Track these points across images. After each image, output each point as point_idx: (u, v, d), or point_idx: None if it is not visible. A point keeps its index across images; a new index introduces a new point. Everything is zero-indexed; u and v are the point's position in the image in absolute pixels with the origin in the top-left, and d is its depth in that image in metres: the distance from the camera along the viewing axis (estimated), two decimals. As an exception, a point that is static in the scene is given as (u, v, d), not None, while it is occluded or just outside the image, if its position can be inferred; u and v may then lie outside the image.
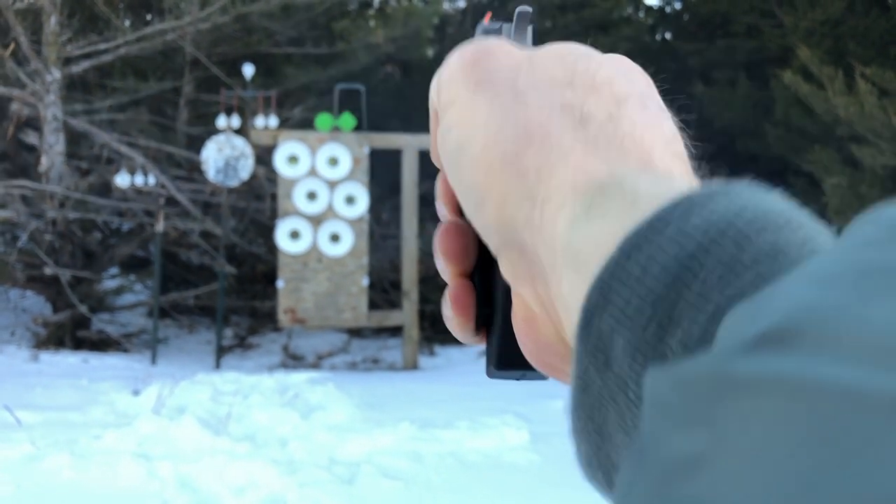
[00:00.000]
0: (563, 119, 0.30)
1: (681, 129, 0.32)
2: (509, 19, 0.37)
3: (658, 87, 0.33)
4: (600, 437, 0.25)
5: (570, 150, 0.29)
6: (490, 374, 0.35)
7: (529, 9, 0.37)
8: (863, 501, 0.14)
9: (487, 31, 0.36)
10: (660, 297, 0.23)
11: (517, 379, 0.34)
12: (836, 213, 6.43)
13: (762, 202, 0.24)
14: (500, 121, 0.30)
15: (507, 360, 0.33)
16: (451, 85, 0.32)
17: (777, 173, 10.12)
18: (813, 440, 0.15)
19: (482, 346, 0.36)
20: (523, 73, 0.31)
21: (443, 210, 0.35)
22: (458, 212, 0.34)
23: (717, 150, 11.57)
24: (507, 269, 0.31)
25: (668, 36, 11.82)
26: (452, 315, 0.34)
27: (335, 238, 5.80)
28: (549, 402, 4.55)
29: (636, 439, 0.20)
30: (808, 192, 7.93)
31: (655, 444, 0.18)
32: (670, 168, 0.29)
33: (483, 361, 0.36)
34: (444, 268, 0.34)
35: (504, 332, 0.33)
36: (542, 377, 0.33)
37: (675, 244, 0.23)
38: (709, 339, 0.22)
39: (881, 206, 0.21)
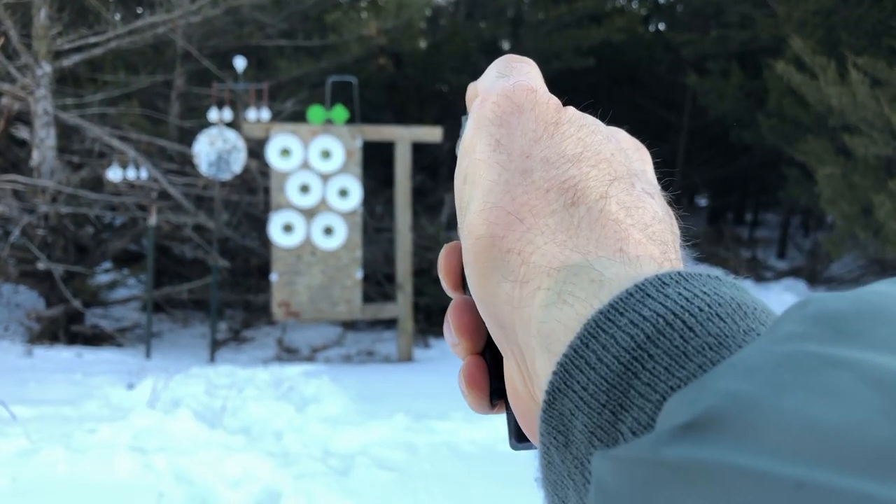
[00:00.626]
0: (556, 203, 0.32)
1: (670, 203, 0.35)
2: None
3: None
4: None
5: (552, 237, 0.31)
6: (513, 447, 0.36)
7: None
8: None
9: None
10: (613, 385, 0.25)
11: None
12: (828, 203, 6.45)
13: (712, 290, 0.26)
14: (500, 195, 0.32)
15: (525, 435, 0.34)
16: (477, 132, 0.35)
17: (770, 163, 10.15)
18: None
19: (489, 414, 0.37)
20: (542, 145, 0.33)
21: (445, 285, 0.37)
22: (459, 286, 0.37)
23: (710, 141, 11.58)
24: (495, 339, 0.33)
25: (661, 27, 11.81)
26: (467, 391, 0.36)
27: (329, 231, 5.79)
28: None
29: None
30: (802, 181, 7.94)
31: None
32: (643, 251, 0.31)
33: None
34: (458, 344, 0.36)
35: None
36: None
37: (627, 334, 0.25)
38: (654, 425, 0.23)
39: (803, 300, 0.23)
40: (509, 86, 0.35)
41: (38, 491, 3.14)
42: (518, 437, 0.35)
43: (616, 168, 0.33)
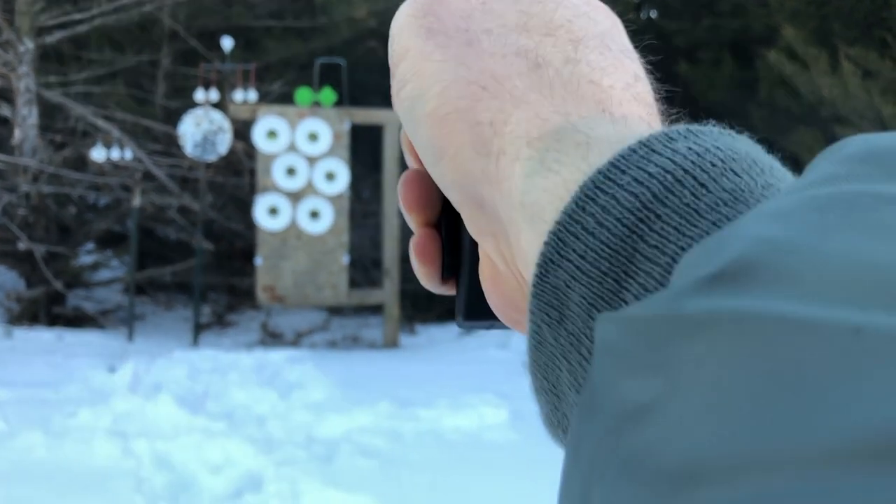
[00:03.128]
0: (518, 65, 0.29)
1: (648, 70, 0.32)
2: None
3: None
4: (556, 395, 0.24)
5: (523, 98, 0.28)
6: (459, 325, 0.34)
7: None
8: (821, 442, 0.13)
9: None
10: (616, 251, 0.22)
11: (486, 328, 0.34)
12: (817, 194, 6.47)
13: (725, 145, 0.23)
14: (453, 71, 0.29)
15: (476, 309, 0.33)
16: (402, 35, 0.32)
17: (759, 154, 10.19)
18: (768, 376, 0.15)
19: (462, 330, 0.34)
20: (476, 19, 0.30)
21: (409, 160, 0.34)
22: (424, 208, 0.34)
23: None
24: (469, 225, 0.30)
25: (653, 14, 11.79)
26: (418, 264, 0.34)
27: (315, 215, 5.74)
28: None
29: (585, 390, 0.19)
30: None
31: (605, 392, 0.18)
32: (630, 111, 0.28)
33: (463, 340, 0.34)
34: (408, 217, 0.34)
35: (472, 281, 0.32)
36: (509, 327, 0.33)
37: (631, 193, 0.22)
38: (664, 288, 0.20)
39: (841, 141, 0.20)
40: None
41: (15, 475, 3.09)
42: (466, 315, 0.33)
43: (576, 32, 0.30)
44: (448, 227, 0.34)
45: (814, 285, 0.16)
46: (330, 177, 5.75)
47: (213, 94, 5.81)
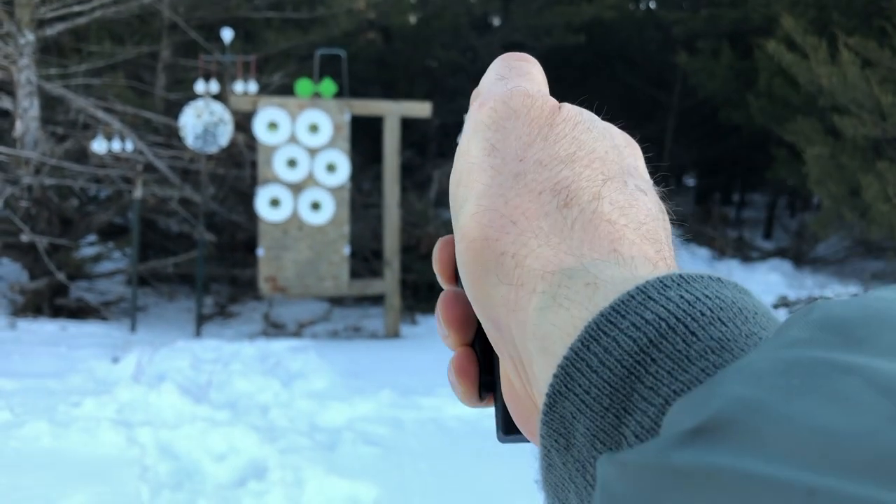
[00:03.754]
0: (549, 204, 0.32)
1: (662, 198, 0.35)
2: None
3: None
4: None
5: (546, 239, 0.31)
6: (500, 439, 0.36)
7: None
8: None
9: None
10: (616, 388, 0.25)
11: (525, 441, 0.35)
12: (816, 184, 6.47)
13: (714, 293, 0.26)
14: (494, 199, 0.33)
15: (514, 425, 0.35)
16: (473, 138, 0.35)
17: (759, 143, 10.16)
18: None
19: (476, 407, 0.38)
20: (535, 148, 0.34)
21: (441, 281, 0.38)
22: (454, 279, 0.37)
23: (699, 121, 11.58)
24: (491, 341, 0.33)
25: (652, 5, 11.74)
26: (456, 382, 0.36)
27: (316, 206, 5.76)
28: (530, 370, 4.57)
29: None
30: (790, 162, 7.95)
31: None
32: (638, 251, 0.31)
33: None
34: (448, 336, 0.36)
35: None
36: None
37: (630, 338, 0.25)
38: (658, 429, 0.23)
39: (809, 305, 0.23)
40: (507, 91, 0.35)
41: (21, 464, 3.12)
42: (505, 430, 0.35)
43: (609, 167, 0.33)
44: (483, 346, 0.35)
45: (776, 445, 0.18)
46: (331, 168, 5.77)
47: (214, 86, 5.82)
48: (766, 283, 7.81)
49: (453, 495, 2.99)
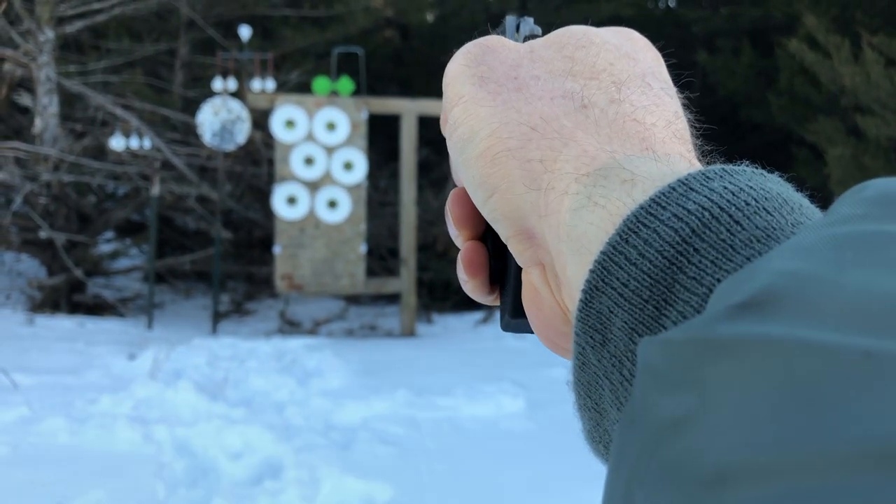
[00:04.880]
0: (565, 106, 0.31)
1: (685, 105, 0.34)
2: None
3: (665, 59, 0.35)
4: (598, 413, 0.26)
5: (571, 137, 0.30)
6: (504, 327, 0.35)
7: (514, 17, 0.39)
8: (834, 449, 0.15)
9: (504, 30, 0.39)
10: (657, 280, 0.24)
11: (531, 332, 0.35)
12: (838, 184, 6.39)
13: (758, 185, 0.25)
14: (504, 115, 0.31)
15: (521, 313, 0.34)
16: (455, 83, 0.34)
17: (780, 143, 10.06)
18: (788, 395, 0.16)
19: (478, 316, 0.35)
20: (525, 67, 0.33)
21: (460, 235, 0.36)
22: (472, 232, 0.36)
23: (719, 120, 11.49)
24: (517, 256, 0.32)
25: (671, 3, 11.67)
26: (466, 277, 0.35)
27: (333, 204, 5.75)
28: (546, 370, 4.54)
29: (628, 406, 0.21)
30: (811, 162, 7.87)
31: (646, 407, 0.19)
32: (671, 149, 0.30)
33: (480, 329, 0.35)
34: (456, 232, 0.35)
35: (517, 285, 0.34)
36: None
37: (672, 228, 0.24)
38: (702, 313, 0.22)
39: (861, 184, 0.22)
40: (475, 40, 0.35)
41: (38, 459, 3.13)
42: (513, 314, 0.35)
43: (618, 75, 0.32)
44: (494, 238, 0.35)
45: (830, 313, 0.18)
46: (348, 166, 5.76)
47: (231, 83, 5.83)
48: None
49: (469, 495, 2.97)
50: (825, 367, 0.16)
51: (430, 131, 8.95)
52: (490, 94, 0.32)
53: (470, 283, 0.35)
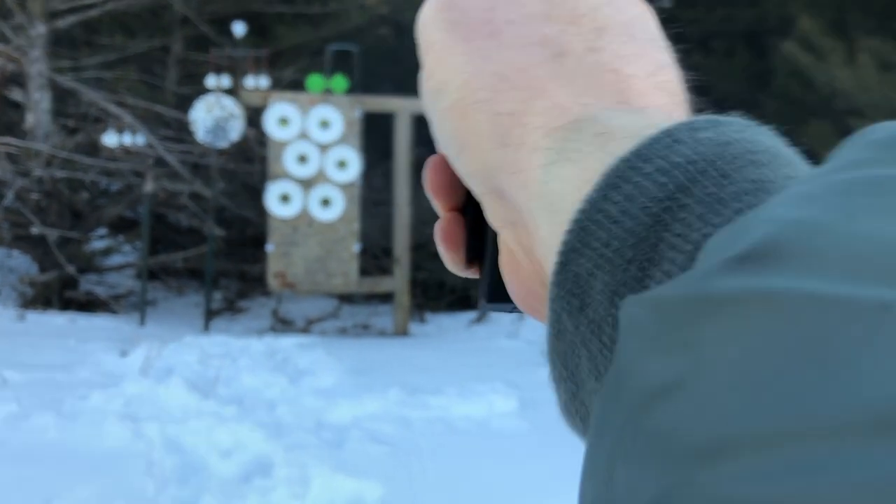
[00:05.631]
0: (540, 54, 0.29)
1: (678, 59, 0.31)
2: None
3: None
4: (574, 383, 0.24)
5: (543, 88, 0.28)
6: (482, 307, 0.34)
7: None
8: (847, 413, 0.14)
9: None
10: (641, 238, 0.22)
11: (509, 311, 0.34)
12: (830, 186, 6.42)
13: (749, 136, 0.23)
14: (475, 64, 0.30)
15: (500, 292, 0.32)
16: (428, 28, 0.32)
17: (772, 146, 10.11)
18: (795, 351, 0.15)
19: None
20: (500, 9, 0.31)
21: (440, 204, 0.35)
22: (450, 194, 0.34)
23: (712, 122, 11.53)
24: (490, 215, 0.30)
25: (666, 4, 11.70)
26: (443, 248, 0.34)
27: (326, 203, 5.74)
28: (539, 370, 4.54)
29: (609, 372, 0.19)
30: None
31: (631, 372, 0.18)
32: (650, 101, 0.28)
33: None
34: (434, 201, 0.34)
35: (496, 264, 0.32)
36: None
37: (656, 183, 0.22)
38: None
39: (867, 127, 0.21)
40: None
41: (27, 456, 3.12)
42: (490, 297, 0.33)
43: (601, 21, 0.30)
44: (473, 211, 0.34)
45: (841, 264, 0.16)
46: (341, 165, 5.75)
47: (225, 80, 5.82)
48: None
49: (460, 495, 2.97)
50: (838, 321, 0.15)
51: (425, 130, 8.92)
52: (462, 39, 0.31)
53: (447, 254, 0.34)
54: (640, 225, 0.22)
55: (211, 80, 5.80)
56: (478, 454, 3.35)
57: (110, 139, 5.86)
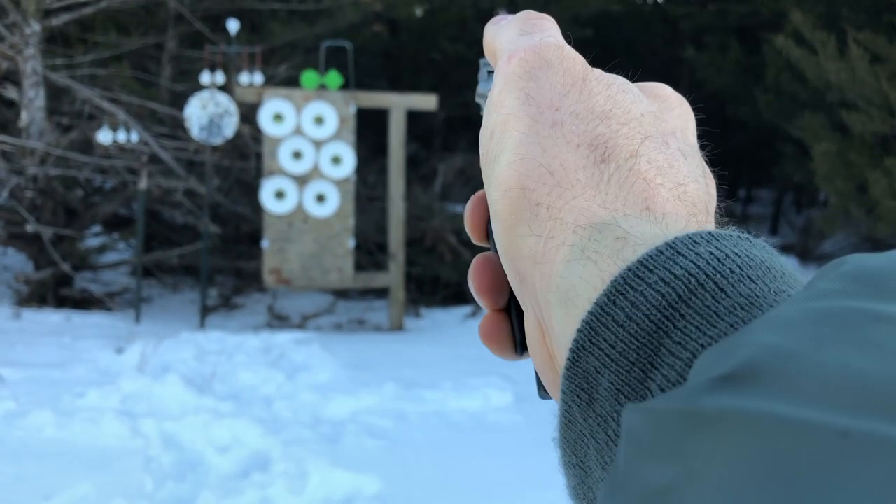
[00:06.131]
0: (586, 159, 0.31)
1: (708, 163, 0.34)
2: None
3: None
4: (583, 470, 0.26)
5: (581, 192, 0.31)
6: (541, 397, 0.36)
7: (487, 61, 0.40)
8: None
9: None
10: (644, 343, 0.24)
11: None
12: (823, 180, 6.44)
13: (743, 251, 0.26)
14: (530, 149, 0.32)
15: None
16: (506, 87, 0.34)
17: (766, 139, 10.12)
18: (769, 471, 0.17)
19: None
20: (570, 98, 0.33)
21: (472, 236, 0.37)
22: (485, 236, 0.37)
23: (707, 116, 11.51)
24: (516, 293, 0.33)
25: (660, 0, 11.69)
26: (486, 344, 0.36)
27: (321, 198, 5.74)
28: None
29: (612, 472, 0.21)
30: (797, 158, 7.92)
31: (630, 475, 0.20)
32: (672, 209, 0.30)
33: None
34: (479, 300, 0.36)
35: None
36: None
37: (658, 293, 0.25)
38: (685, 381, 0.23)
39: (840, 259, 0.23)
40: (537, 42, 0.35)
41: (24, 454, 3.13)
42: (545, 390, 0.35)
43: (646, 128, 0.33)
44: (518, 305, 0.35)
45: (808, 390, 0.18)
46: (336, 160, 5.76)
47: (219, 77, 5.81)
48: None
49: (457, 489, 2.99)
50: (803, 445, 0.17)
51: (419, 126, 8.94)
52: (529, 117, 0.33)
53: (493, 349, 0.36)
54: (643, 330, 0.24)
55: (205, 77, 5.80)
56: (474, 448, 3.37)
57: (105, 136, 5.86)
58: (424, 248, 6.99)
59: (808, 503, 0.16)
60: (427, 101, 5.91)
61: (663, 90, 0.36)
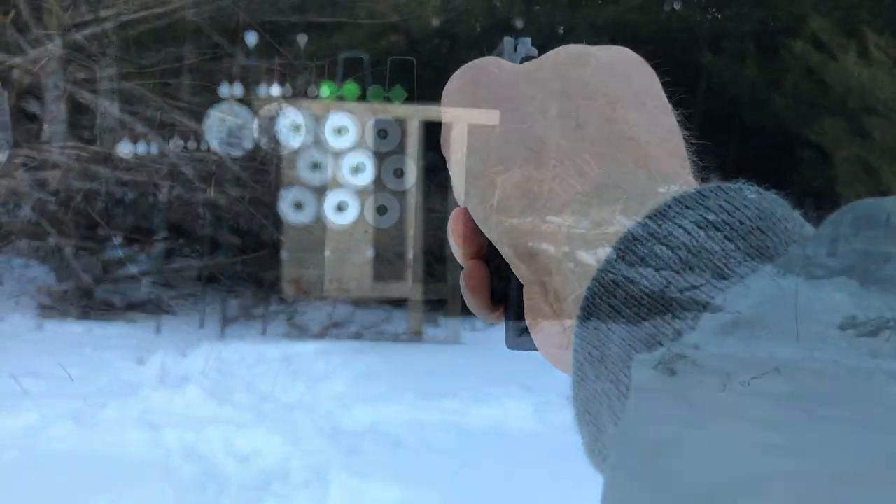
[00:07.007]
0: (562, 126, 0.31)
1: (681, 122, 0.34)
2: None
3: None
4: (596, 427, 0.27)
5: (567, 156, 0.30)
6: (509, 345, 0.37)
7: (512, 38, 0.40)
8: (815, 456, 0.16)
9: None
10: (654, 298, 0.25)
11: (535, 349, 0.36)
12: (844, 186, 6.37)
13: (753, 203, 0.26)
14: (501, 135, 0.32)
15: (524, 334, 0.34)
16: (452, 105, 0.35)
17: (786, 145, 10.03)
18: (777, 413, 0.17)
19: (491, 320, 0.37)
20: (520, 87, 0.33)
21: (461, 252, 0.37)
22: (475, 252, 0.37)
23: (724, 122, 11.47)
24: (518, 274, 0.32)
25: (676, 6, 11.67)
26: (468, 294, 0.36)
27: (340, 208, 5.77)
28: (554, 373, 4.53)
29: (621, 423, 0.22)
30: (817, 163, 7.85)
31: (638, 426, 0.20)
32: (665, 166, 0.30)
33: (487, 332, 0.36)
34: (457, 250, 0.36)
35: (519, 304, 0.34)
36: None
37: (668, 247, 0.25)
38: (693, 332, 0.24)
39: (848, 206, 0.23)
40: (465, 67, 0.36)
41: (47, 465, 3.15)
42: (513, 343, 0.36)
43: (612, 94, 0.32)
44: (496, 259, 0.35)
45: (793, 334, 0.19)
46: (355, 170, 5.78)
47: (238, 89, 5.86)
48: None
49: (477, 498, 2.97)
50: (811, 381, 0.18)
51: (436, 136, 8.93)
52: (486, 115, 0.33)
53: (472, 300, 0.36)
54: (653, 284, 0.25)
55: (224, 90, 5.84)
56: (494, 457, 3.36)
57: (125, 149, 5.91)
58: (444, 258, 6.98)
59: (809, 447, 0.16)
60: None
61: (624, 52, 0.35)
